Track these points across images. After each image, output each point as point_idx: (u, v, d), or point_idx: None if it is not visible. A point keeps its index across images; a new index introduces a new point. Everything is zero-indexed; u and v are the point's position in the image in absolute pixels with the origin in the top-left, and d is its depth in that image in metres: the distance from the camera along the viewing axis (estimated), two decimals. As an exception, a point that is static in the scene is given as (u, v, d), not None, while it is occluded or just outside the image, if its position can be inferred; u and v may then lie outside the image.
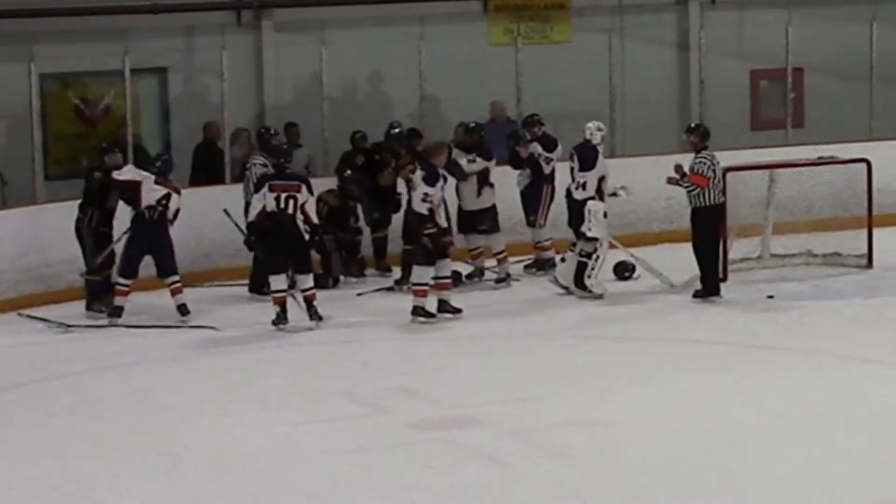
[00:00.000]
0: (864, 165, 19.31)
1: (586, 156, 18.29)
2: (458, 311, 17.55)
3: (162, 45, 21.45)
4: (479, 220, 19.17)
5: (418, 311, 17.37)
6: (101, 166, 18.07)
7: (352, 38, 22.24)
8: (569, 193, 18.42)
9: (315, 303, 17.43)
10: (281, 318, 17.17)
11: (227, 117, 20.78)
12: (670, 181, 18.01)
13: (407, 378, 15.30)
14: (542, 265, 19.53)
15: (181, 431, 13.84)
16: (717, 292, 17.82)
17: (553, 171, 19.42)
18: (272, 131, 19.67)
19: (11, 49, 19.66)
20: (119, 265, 17.70)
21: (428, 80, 22.06)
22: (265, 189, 17.36)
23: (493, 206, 19.26)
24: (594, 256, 18.10)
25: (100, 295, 17.87)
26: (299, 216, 17.30)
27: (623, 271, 19.13)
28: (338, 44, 21.77)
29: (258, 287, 18.37)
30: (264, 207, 17.28)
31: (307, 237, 17.41)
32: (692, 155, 17.91)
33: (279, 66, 22.23)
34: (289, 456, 13.07)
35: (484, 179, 19.09)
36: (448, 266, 17.64)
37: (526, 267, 19.72)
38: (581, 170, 18.25)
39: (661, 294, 18.24)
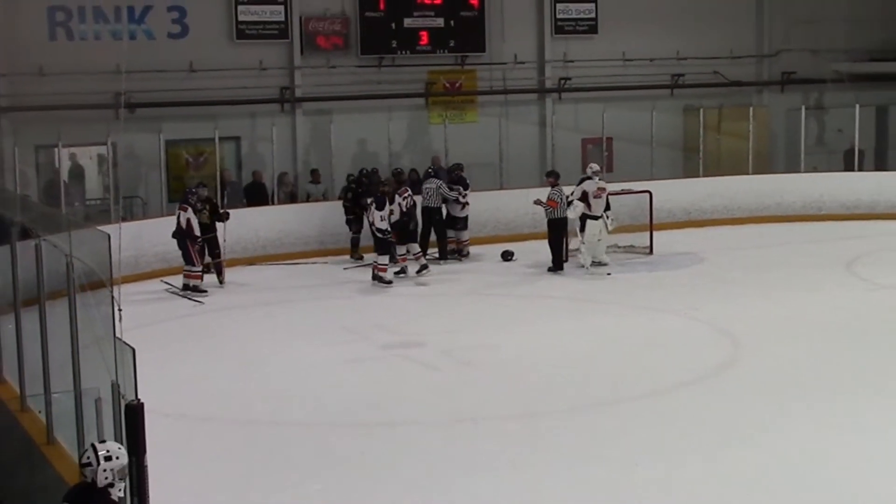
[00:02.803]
0: (647, 194, 19.19)
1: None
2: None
3: (237, 123, 21.13)
4: (456, 223, 18.98)
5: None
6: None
7: (348, 119, 21.86)
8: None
9: (379, 272, 16.99)
10: (384, 279, 16.98)
11: (276, 167, 20.48)
12: (535, 202, 17.81)
13: (381, 318, 15.09)
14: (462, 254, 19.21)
15: (248, 349, 13.68)
16: (561, 268, 17.61)
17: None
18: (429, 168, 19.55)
19: (148, 125, 19.36)
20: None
21: (393, 144, 21.85)
22: None
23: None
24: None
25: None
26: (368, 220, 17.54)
27: (507, 255, 18.83)
28: (340, 123, 21.41)
29: (443, 255, 18.62)
30: None
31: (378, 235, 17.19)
32: (549, 188, 17.74)
33: (306, 135, 21.96)
34: (309, 365, 12.98)
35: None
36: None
37: (450, 253, 19.30)
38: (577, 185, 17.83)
39: (530, 269, 17.97)
